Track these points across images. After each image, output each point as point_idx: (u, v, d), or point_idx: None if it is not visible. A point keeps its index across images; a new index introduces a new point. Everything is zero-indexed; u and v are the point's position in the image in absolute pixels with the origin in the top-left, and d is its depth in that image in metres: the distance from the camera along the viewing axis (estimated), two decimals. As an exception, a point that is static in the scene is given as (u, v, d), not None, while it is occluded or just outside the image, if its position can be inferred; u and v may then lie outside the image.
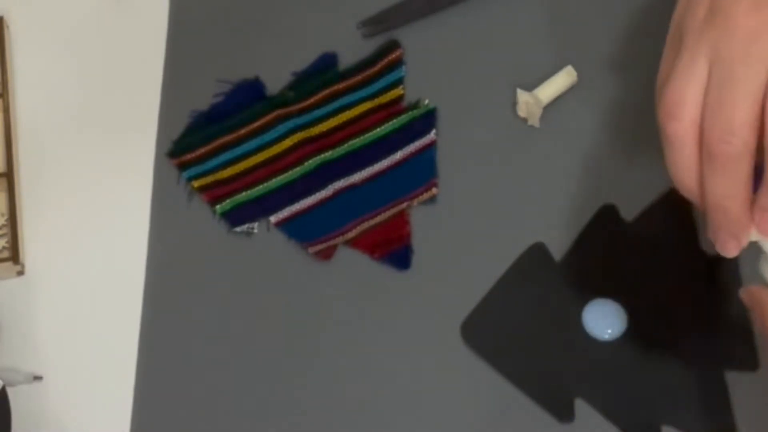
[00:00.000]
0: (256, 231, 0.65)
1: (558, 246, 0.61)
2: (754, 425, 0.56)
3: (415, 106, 0.67)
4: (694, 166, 0.47)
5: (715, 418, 0.56)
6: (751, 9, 0.46)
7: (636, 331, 0.58)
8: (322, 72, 0.69)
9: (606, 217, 0.62)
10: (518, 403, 0.57)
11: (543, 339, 0.59)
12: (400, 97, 0.68)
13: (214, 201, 0.67)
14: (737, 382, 0.57)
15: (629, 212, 0.62)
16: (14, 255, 0.66)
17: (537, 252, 0.61)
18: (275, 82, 0.70)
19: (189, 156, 0.68)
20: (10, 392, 0.60)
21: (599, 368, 0.58)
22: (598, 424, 0.57)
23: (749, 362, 0.57)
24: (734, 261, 0.59)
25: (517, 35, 0.68)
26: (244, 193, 0.66)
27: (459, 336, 0.59)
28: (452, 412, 0.58)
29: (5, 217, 0.67)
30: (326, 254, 0.64)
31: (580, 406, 0.57)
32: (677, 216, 0.61)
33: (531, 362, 0.58)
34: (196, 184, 0.67)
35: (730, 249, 0.48)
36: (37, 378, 0.62)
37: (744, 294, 0.51)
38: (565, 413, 0.57)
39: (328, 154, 0.66)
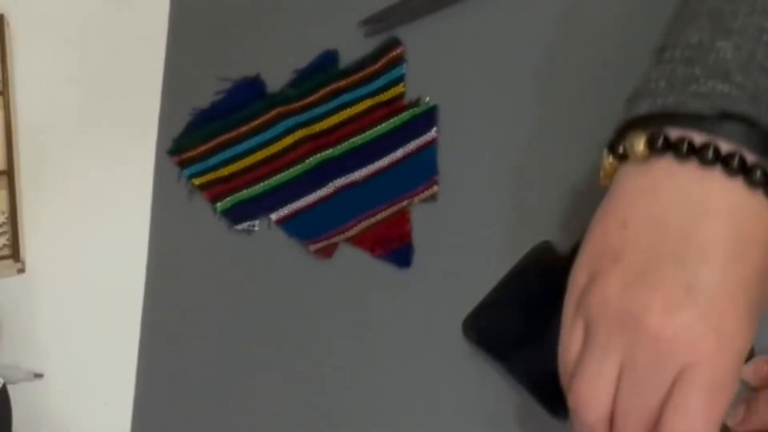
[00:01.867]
0: (256, 229, 0.65)
1: (561, 244, 0.61)
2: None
3: (415, 103, 0.67)
4: None
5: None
6: (665, 314, 0.44)
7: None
8: (323, 69, 0.69)
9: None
10: (519, 401, 0.57)
11: (545, 336, 0.58)
12: (401, 95, 0.68)
13: (214, 199, 0.67)
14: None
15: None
16: (14, 253, 0.66)
17: (542, 250, 0.61)
18: (276, 80, 0.70)
19: (190, 153, 0.68)
20: (11, 389, 0.60)
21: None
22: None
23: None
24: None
25: (517, 34, 0.68)
26: (244, 191, 0.66)
27: (460, 334, 0.59)
28: (452, 408, 0.58)
29: (5, 215, 0.67)
30: (327, 252, 0.64)
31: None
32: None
33: (532, 359, 0.58)
34: (196, 181, 0.67)
35: None
36: (38, 375, 0.62)
37: None
38: (564, 409, 0.57)
39: (328, 152, 0.66)
